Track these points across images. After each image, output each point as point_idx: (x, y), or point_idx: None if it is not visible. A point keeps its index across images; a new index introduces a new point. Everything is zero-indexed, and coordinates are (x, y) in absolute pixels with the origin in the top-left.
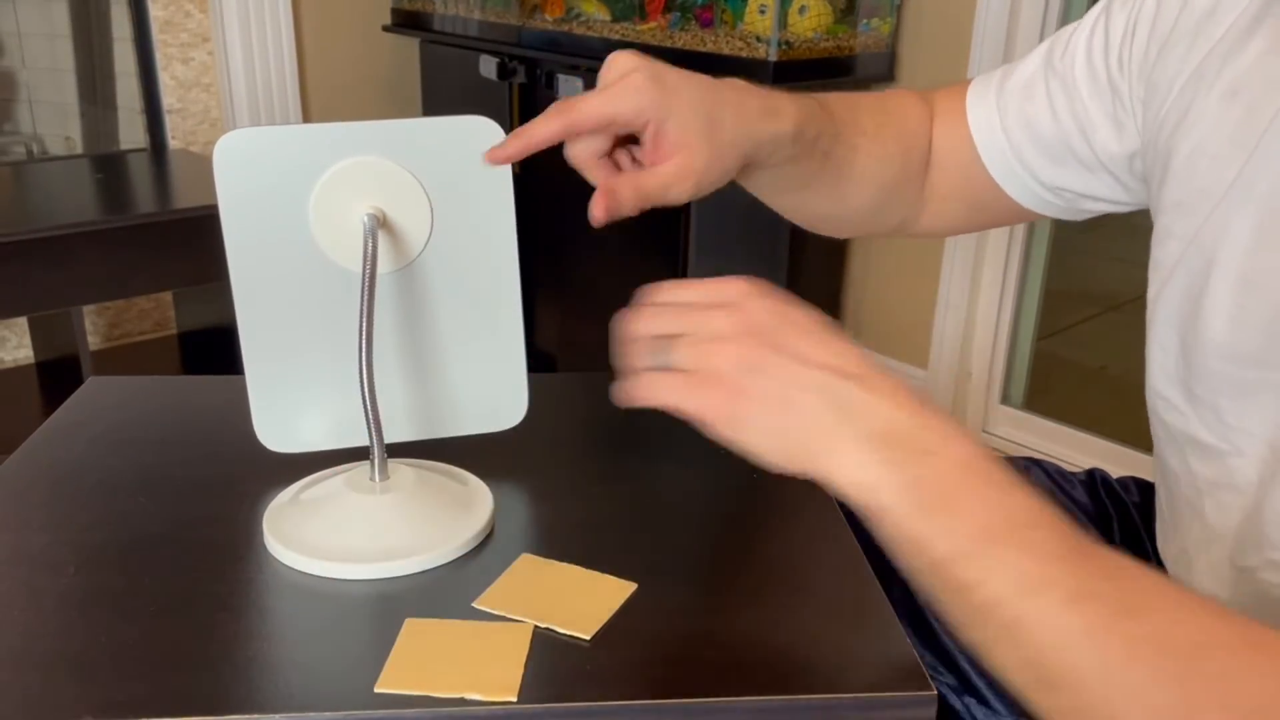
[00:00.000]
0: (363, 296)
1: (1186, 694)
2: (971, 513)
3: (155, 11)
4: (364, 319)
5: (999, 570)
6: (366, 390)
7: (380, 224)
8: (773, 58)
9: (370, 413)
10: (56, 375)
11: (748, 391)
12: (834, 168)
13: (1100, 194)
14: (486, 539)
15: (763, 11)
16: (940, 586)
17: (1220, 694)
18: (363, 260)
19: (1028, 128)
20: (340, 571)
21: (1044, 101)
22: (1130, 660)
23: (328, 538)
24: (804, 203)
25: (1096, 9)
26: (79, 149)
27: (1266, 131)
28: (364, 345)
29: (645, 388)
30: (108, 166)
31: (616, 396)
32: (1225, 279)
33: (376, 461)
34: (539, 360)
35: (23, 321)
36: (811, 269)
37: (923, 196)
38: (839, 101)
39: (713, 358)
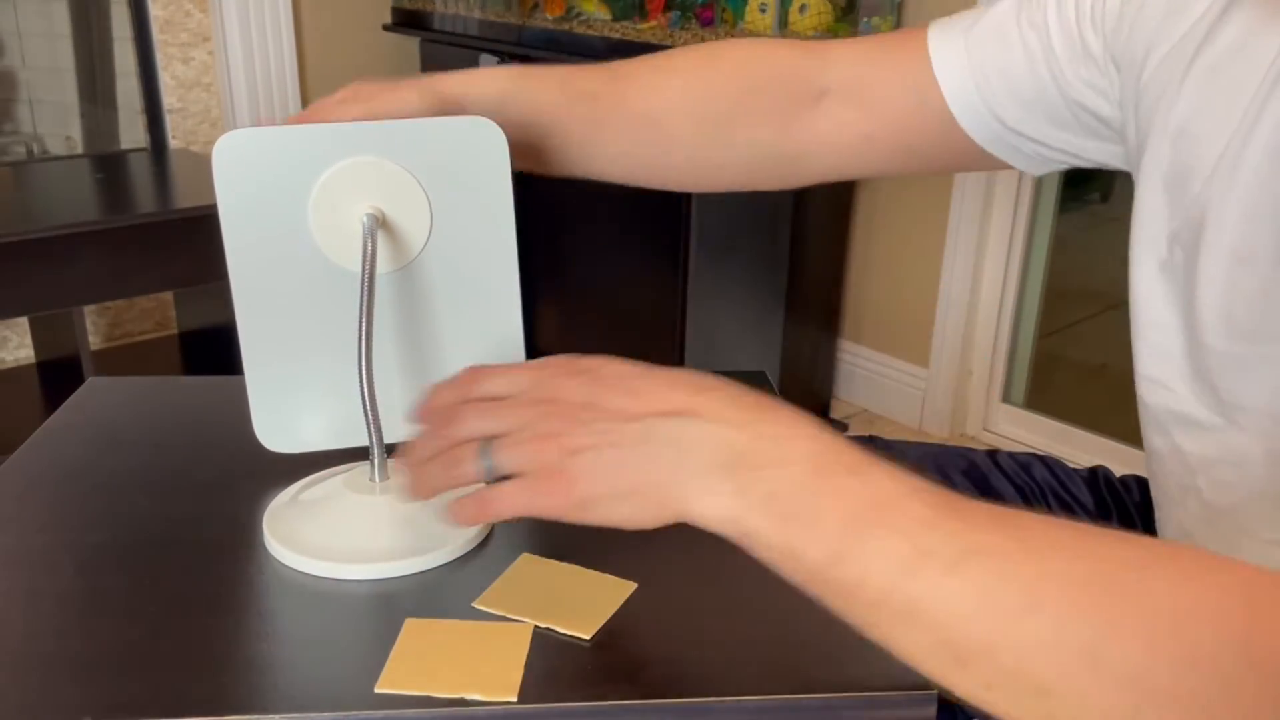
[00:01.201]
0: (362, 296)
1: (1102, 620)
2: (829, 510)
3: (155, 11)
4: (363, 319)
5: (875, 560)
6: (366, 391)
7: (379, 224)
8: None
9: (370, 413)
10: (57, 375)
11: (581, 474)
12: (621, 106)
13: (1077, 150)
14: (486, 539)
15: (763, 10)
16: (830, 595)
17: (1137, 610)
18: (362, 260)
19: (1008, 81)
20: (340, 572)
21: (1022, 52)
22: (1033, 606)
23: (327, 538)
24: (603, 152)
25: None
26: (79, 149)
27: (1248, 107)
28: (363, 345)
29: (484, 504)
30: (108, 166)
31: (451, 517)
32: (1216, 254)
33: (376, 462)
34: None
35: (23, 321)
36: (812, 267)
37: (813, 136)
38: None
39: (538, 457)
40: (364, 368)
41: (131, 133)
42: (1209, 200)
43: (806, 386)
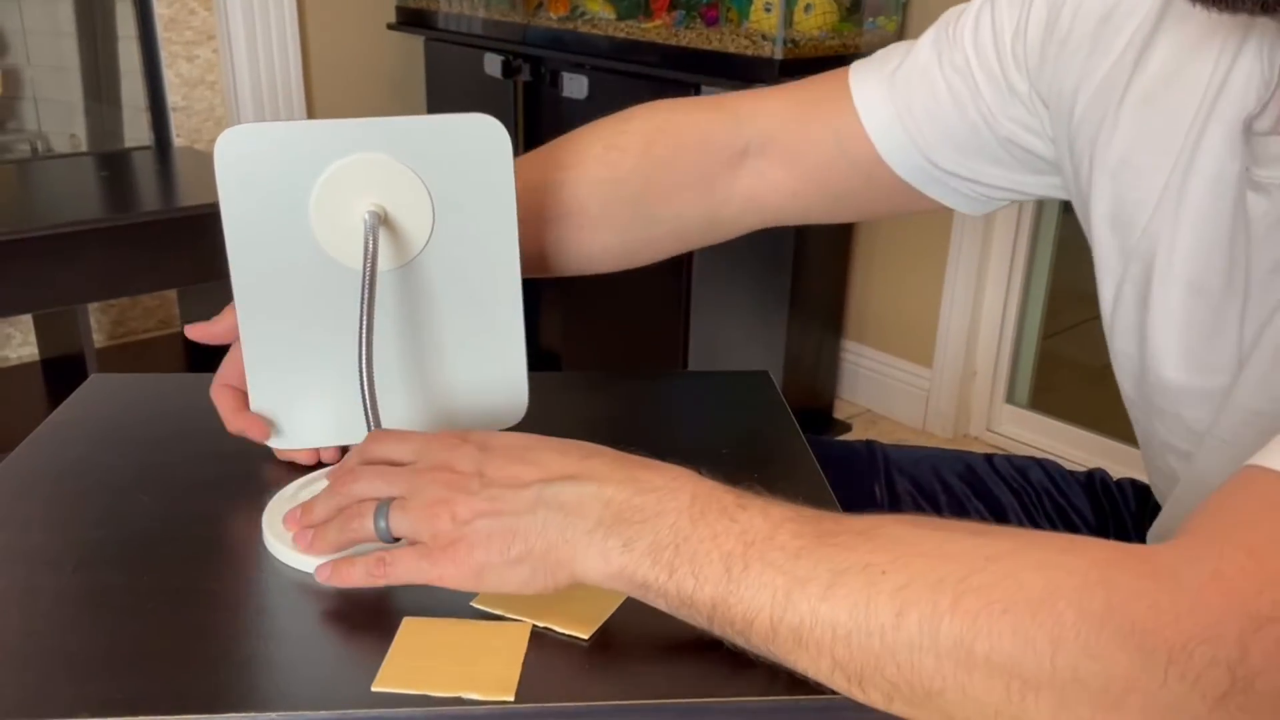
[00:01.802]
0: (363, 294)
1: (966, 615)
2: (710, 555)
3: (160, 9)
4: (364, 317)
5: (756, 595)
6: (366, 388)
7: (381, 221)
8: (778, 56)
9: (369, 411)
10: (61, 373)
11: (475, 542)
12: (548, 205)
13: (1013, 185)
14: None
15: (768, 9)
16: (730, 635)
17: (999, 599)
18: (363, 258)
19: (938, 124)
20: None
21: (947, 95)
22: (903, 614)
23: None
24: (546, 252)
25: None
26: (84, 146)
27: (1185, 137)
28: (363, 343)
29: (382, 567)
30: (112, 164)
31: (339, 578)
32: (1169, 287)
33: None
34: (543, 358)
35: (27, 319)
36: (816, 268)
37: (740, 193)
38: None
39: (431, 524)
40: (364, 365)
41: (135, 131)
42: (1158, 233)
43: (809, 386)
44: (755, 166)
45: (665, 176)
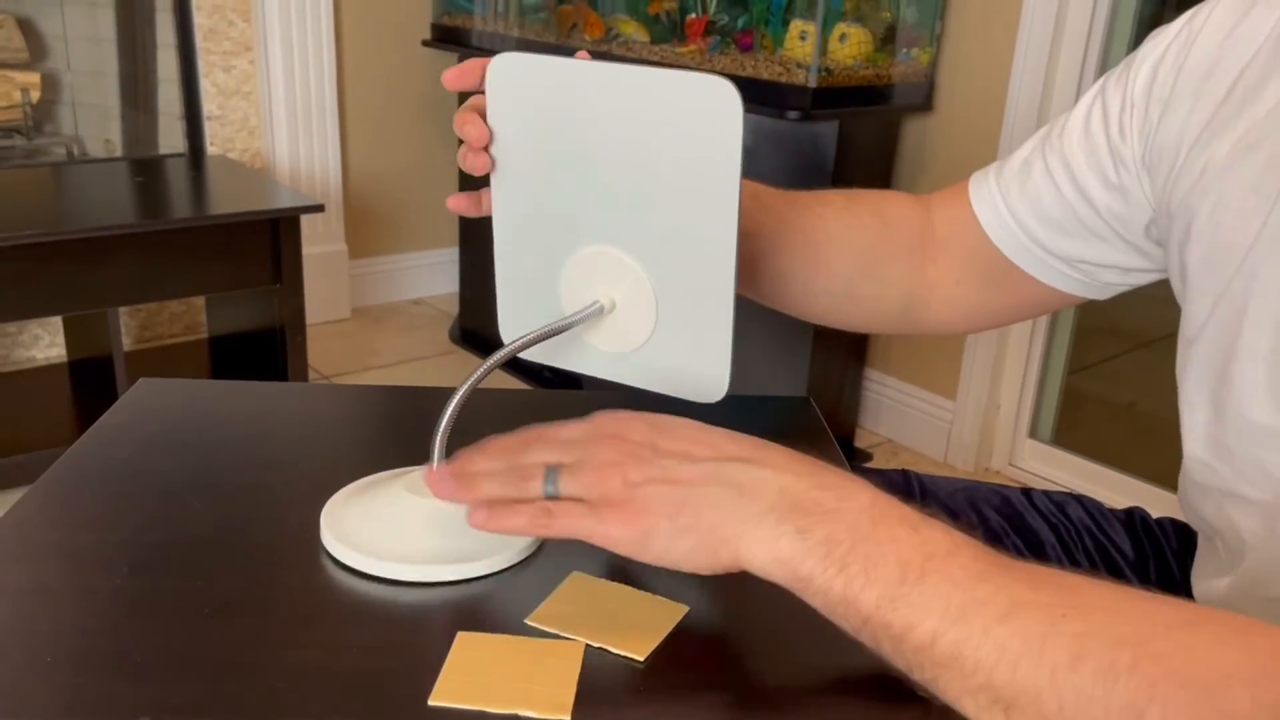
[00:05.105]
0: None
1: (1145, 681)
2: (886, 557)
3: (200, 19)
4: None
5: (928, 606)
6: (466, 392)
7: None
8: (812, 84)
9: (440, 438)
10: (87, 375)
11: (644, 506)
12: (798, 230)
13: (1118, 262)
14: (536, 552)
15: (803, 38)
16: (880, 639)
17: (1177, 671)
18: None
19: (1032, 204)
20: (394, 571)
21: (1043, 176)
22: (1078, 660)
23: (382, 538)
24: (784, 273)
25: (1091, 92)
26: (118, 152)
27: None
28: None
29: (549, 515)
30: (146, 170)
31: (501, 519)
32: (1260, 328)
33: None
34: (565, 377)
35: (55, 320)
36: None
37: (927, 280)
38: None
39: (602, 484)
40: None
41: (170, 138)
42: (1253, 273)
43: (831, 415)
44: (935, 256)
45: (889, 236)
